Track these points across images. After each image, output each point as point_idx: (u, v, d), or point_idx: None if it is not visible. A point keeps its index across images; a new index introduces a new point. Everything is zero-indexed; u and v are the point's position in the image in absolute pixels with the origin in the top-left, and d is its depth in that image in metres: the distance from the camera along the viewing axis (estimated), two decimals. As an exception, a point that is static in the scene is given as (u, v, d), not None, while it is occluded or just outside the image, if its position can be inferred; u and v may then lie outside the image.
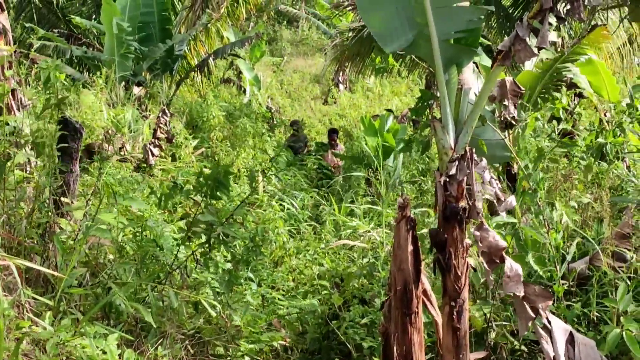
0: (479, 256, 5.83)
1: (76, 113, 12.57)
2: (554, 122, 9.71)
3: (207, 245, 7.25)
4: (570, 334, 5.60)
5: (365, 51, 17.56)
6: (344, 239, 10.36)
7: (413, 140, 11.32)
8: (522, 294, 5.60)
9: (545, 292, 5.62)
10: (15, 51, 8.97)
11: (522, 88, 7.45)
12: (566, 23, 5.60)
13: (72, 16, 19.49)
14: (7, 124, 7.24)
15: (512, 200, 6.07)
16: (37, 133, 7.10)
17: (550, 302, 5.63)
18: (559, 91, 9.76)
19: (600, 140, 8.71)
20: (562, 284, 6.87)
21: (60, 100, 7.33)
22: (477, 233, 5.77)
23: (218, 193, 7.30)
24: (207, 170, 8.25)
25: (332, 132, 20.22)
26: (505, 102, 7.50)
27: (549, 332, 5.54)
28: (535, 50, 5.43)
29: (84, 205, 7.19)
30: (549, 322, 5.57)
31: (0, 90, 7.39)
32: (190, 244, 7.97)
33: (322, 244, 10.17)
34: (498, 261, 5.75)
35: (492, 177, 6.04)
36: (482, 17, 5.79)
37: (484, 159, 5.95)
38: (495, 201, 6.25)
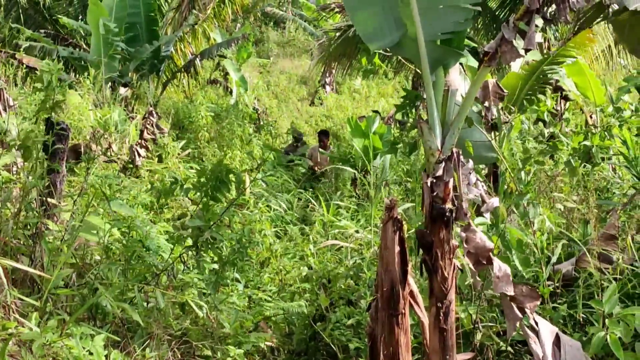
0: (464, 257, 5.83)
1: (62, 113, 12.55)
2: (540, 124, 9.75)
3: (195, 248, 7.23)
4: (557, 335, 5.61)
5: (352, 51, 17.57)
6: (332, 240, 10.35)
7: (400, 141, 11.34)
8: (512, 293, 5.61)
9: (533, 292, 5.63)
10: (1, 51, 8.94)
11: (505, 90, 7.47)
12: (552, 25, 5.62)
13: (58, 16, 19.43)
14: (-7, 124, 7.23)
15: (494, 201, 6.07)
16: (27, 134, 7.07)
17: (539, 302, 5.64)
18: (544, 94, 9.79)
19: (587, 143, 8.73)
20: (548, 285, 6.88)
21: (56, 104, 7.32)
22: (464, 234, 5.78)
23: (218, 194, 7.28)
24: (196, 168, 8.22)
25: (323, 135, 19.84)
26: (487, 104, 7.53)
27: (537, 333, 5.55)
28: (522, 52, 5.44)
29: (71, 206, 7.18)
30: (536, 323, 5.59)
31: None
32: (178, 245, 7.97)
33: (310, 245, 10.15)
34: (485, 262, 5.75)
35: (477, 179, 6.05)
36: (469, 18, 5.79)
37: (470, 160, 5.95)
38: (480, 203, 6.27)
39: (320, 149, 19.07)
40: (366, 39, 6.11)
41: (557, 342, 5.56)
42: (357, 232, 10.20)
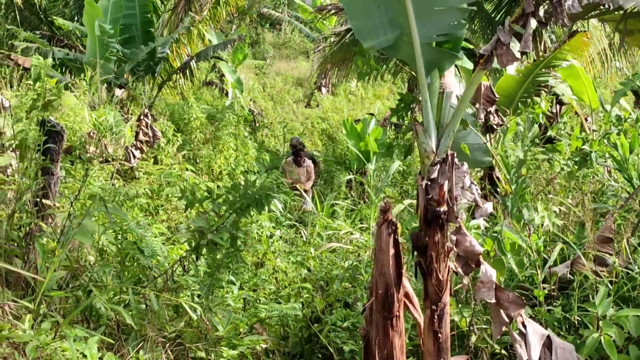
0: (454, 260, 5.84)
1: (58, 115, 12.52)
2: (536, 126, 9.75)
3: (195, 251, 7.19)
4: (548, 337, 5.60)
5: (350, 56, 17.56)
6: (328, 241, 10.34)
7: (395, 144, 11.34)
8: (493, 300, 5.61)
9: (518, 300, 5.63)
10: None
11: (496, 95, 7.48)
12: (548, 28, 5.62)
13: (54, 17, 19.39)
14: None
15: (488, 206, 6.07)
16: (20, 134, 7.05)
17: (523, 310, 5.63)
18: (539, 96, 9.80)
19: (586, 148, 8.73)
20: (543, 288, 6.88)
21: (48, 103, 7.29)
22: (454, 237, 5.78)
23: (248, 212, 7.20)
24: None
25: (296, 147, 17.71)
26: (477, 106, 7.53)
27: (524, 337, 5.54)
28: (518, 55, 5.44)
29: (67, 208, 7.15)
30: (524, 327, 5.57)
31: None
32: (175, 247, 7.95)
33: (311, 248, 10.12)
34: (474, 265, 5.76)
35: (472, 182, 6.05)
36: (464, 20, 5.78)
37: (465, 163, 5.95)
38: (474, 206, 6.27)
39: (292, 163, 17.51)
40: (361, 37, 6.10)
41: (548, 344, 5.56)
42: (352, 233, 10.20)
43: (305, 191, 15.94)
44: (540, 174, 9.24)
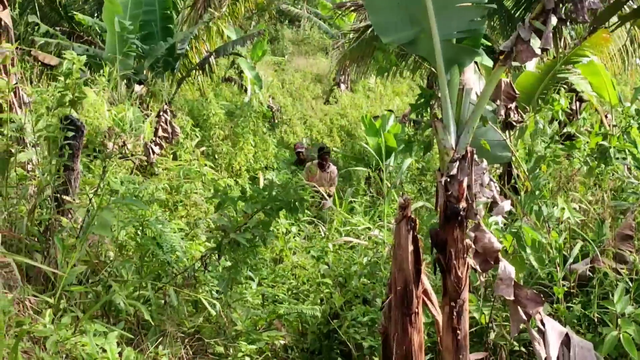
0: (472, 257, 5.82)
1: (81, 111, 12.55)
2: (555, 123, 9.70)
3: (217, 251, 7.20)
4: (567, 335, 5.58)
5: (369, 53, 17.51)
6: (345, 237, 10.34)
7: (414, 140, 11.32)
8: (511, 297, 5.59)
9: (537, 297, 5.61)
10: (17, 48, 8.96)
11: (516, 91, 7.46)
12: (568, 24, 5.60)
13: (74, 13, 19.43)
14: (12, 122, 7.23)
15: (506, 205, 6.04)
16: (43, 130, 7.07)
17: (541, 308, 5.61)
18: (559, 93, 9.75)
19: (605, 144, 8.69)
20: (563, 285, 6.86)
21: (76, 99, 7.31)
22: (473, 234, 5.77)
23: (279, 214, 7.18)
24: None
25: (322, 151, 17.49)
26: (498, 103, 7.51)
27: (543, 334, 5.53)
28: (538, 51, 5.42)
29: (87, 203, 7.18)
30: (543, 325, 5.56)
31: (4, 87, 7.38)
32: (194, 242, 7.97)
33: (329, 243, 10.10)
34: (492, 262, 5.74)
35: (491, 180, 6.03)
36: (484, 17, 5.77)
37: (484, 160, 5.93)
38: (492, 204, 6.24)
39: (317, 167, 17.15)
40: (380, 32, 6.10)
41: (567, 342, 5.54)
42: (369, 229, 10.19)
43: (329, 196, 15.63)
44: (560, 171, 9.19)
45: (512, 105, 8.28)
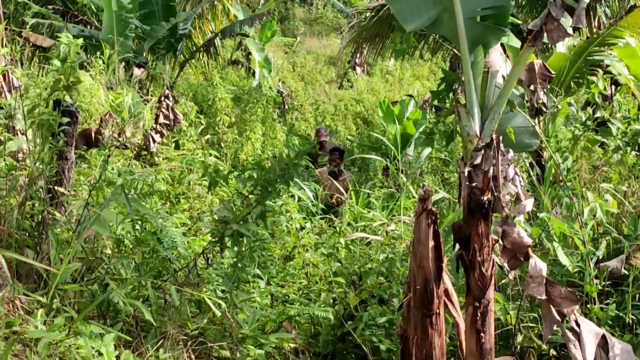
0: (499, 254, 5.80)
1: (77, 96, 12.54)
2: (589, 108, 9.67)
3: (219, 243, 7.19)
4: (603, 337, 5.56)
5: (385, 32, 17.44)
6: (360, 232, 10.30)
7: (435, 128, 11.31)
8: (543, 297, 5.57)
9: (572, 295, 5.58)
10: (6, 29, 8.97)
11: (552, 72, 7.42)
12: (603, 2, 5.57)
13: (68, -10, 19.47)
14: (1, 107, 7.24)
15: (528, 203, 6.01)
16: (39, 115, 7.06)
17: (577, 306, 5.58)
18: (594, 75, 9.70)
19: (638, 127, 8.65)
20: (596, 284, 6.83)
21: (72, 84, 7.31)
22: (500, 228, 5.75)
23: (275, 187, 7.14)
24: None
25: (335, 153, 15.80)
26: (533, 87, 7.47)
27: (578, 336, 5.51)
28: (570, 31, 5.40)
29: (82, 196, 7.18)
30: (578, 325, 5.54)
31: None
32: (197, 238, 7.96)
33: (341, 238, 10.06)
34: (522, 259, 5.72)
35: (516, 173, 6.00)
36: (511, -8, 5.75)
37: (510, 150, 5.91)
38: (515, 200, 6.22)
39: (328, 175, 15.29)
40: (401, 19, 6.07)
41: (603, 344, 5.52)
42: (386, 224, 10.16)
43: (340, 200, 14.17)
44: (592, 160, 9.17)
45: (542, 90, 8.25)
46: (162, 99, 14.77)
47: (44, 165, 6.85)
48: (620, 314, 6.75)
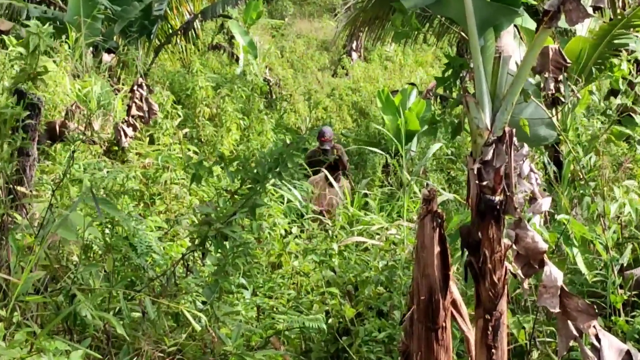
0: (512, 260, 5.79)
1: (42, 85, 12.51)
2: (612, 98, 9.67)
3: (200, 247, 7.16)
4: (628, 353, 5.55)
5: (385, 14, 17.44)
6: (356, 237, 10.30)
7: (440, 120, 11.31)
8: (557, 309, 5.56)
9: (589, 309, 5.56)
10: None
11: (567, 59, 7.41)
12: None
13: (29, -33, 19.45)
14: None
15: (545, 202, 6.02)
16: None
17: (595, 322, 5.56)
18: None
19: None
20: (620, 294, 6.84)
21: (37, 75, 7.29)
22: (513, 232, 5.73)
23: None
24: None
25: (339, 157, 15.53)
26: (546, 75, 7.46)
27: (598, 352, 5.49)
28: (590, 10, 5.40)
29: (46, 196, 7.17)
30: (598, 340, 5.53)
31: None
32: (174, 243, 7.96)
33: (334, 244, 10.06)
34: (537, 266, 5.71)
35: (531, 170, 6.00)
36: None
37: (524, 144, 5.91)
38: (530, 200, 6.22)
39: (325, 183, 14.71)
40: (401, -6, 6.07)
41: (628, 361, 5.51)
42: (385, 228, 10.16)
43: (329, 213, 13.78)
44: (616, 155, 9.16)
45: (560, 77, 8.26)
46: (135, 88, 14.77)
47: (3, 163, 6.84)
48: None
